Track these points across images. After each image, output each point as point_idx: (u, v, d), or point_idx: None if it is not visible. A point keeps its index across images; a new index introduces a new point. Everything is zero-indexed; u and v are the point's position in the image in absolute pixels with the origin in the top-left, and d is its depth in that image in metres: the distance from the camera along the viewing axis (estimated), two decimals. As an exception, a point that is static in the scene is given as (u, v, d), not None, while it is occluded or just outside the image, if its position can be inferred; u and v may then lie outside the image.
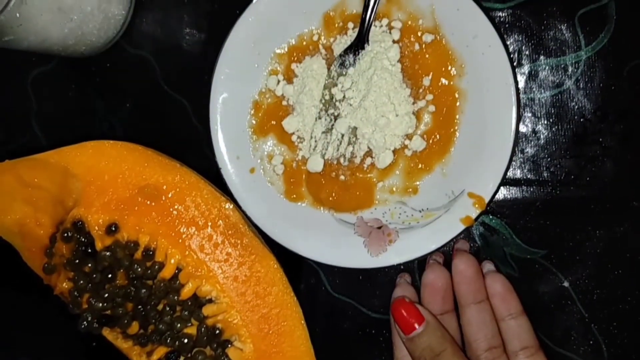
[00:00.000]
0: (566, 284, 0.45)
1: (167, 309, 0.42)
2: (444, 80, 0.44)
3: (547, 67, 0.44)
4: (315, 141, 0.45)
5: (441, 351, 0.39)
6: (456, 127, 0.44)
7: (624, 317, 0.45)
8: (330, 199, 0.45)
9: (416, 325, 0.40)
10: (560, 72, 0.44)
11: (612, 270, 0.45)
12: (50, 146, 0.44)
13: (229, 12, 0.45)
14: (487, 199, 0.42)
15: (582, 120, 0.44)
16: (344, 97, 0.44)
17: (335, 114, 0.44)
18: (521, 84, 0.44)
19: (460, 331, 0.43)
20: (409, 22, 0.43)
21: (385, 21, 0.44)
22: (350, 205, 0.45)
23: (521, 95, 0.44)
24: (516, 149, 0.45)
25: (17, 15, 0.38)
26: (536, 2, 0.44)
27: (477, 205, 0.42)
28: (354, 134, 0.44)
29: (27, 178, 0.43)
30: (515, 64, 0.44)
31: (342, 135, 0.44)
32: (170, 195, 0.42)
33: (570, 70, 0.44)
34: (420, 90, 0.44)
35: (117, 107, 0.49)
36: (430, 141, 0.44)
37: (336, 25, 0.44)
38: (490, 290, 0.42)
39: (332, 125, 0.44)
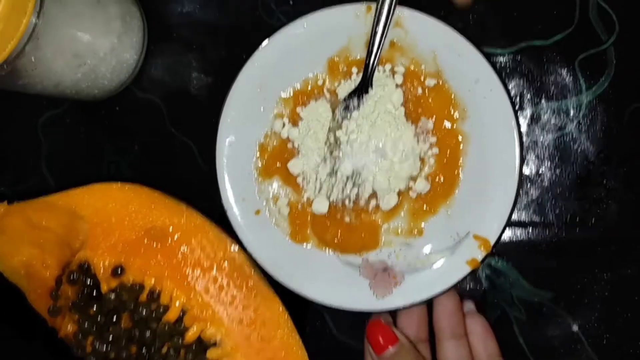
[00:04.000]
0: (575, 327, 0.45)
1: (171, 352, 0.42)
2: (447, 124, 0.44)
3: (549, 111, 0.45)
4: (321, 183, 0.45)
5: None
6: (460, 170, 0.44)
7: (635, 361, 0.44)
8: (336, 240, 0.45)
9: (389, 347, 0.39)
10: (562, 116, 0.45)
11: (621, 314, 0.44)
12: (59, 188, 0.44)
13: (236, 58, 0.46)
14: (492, 241, 0.42)
15: (585, 162, 0.44)
16: (348, 139, 0.44)
17: (340, 156, 0.45)
18: (524, 127, 0.45)
19: None
20: (412, 67, 0.44)
21: (388, 66, 0.45)
22: (355, 246, 0.45)
23: (524, 138, 0.45)
24: (520, 191, 0.45)
25: (33, 59, 0.38)
26: (536, 47, 0.45)
27: (482, 248, 0.42)
28: (358, 176, 0.45)
29: (35, 220, 0.43)
30: (517, 107, 0.45)
31: (347, 178, 0.45)
32: (176, 238, 0.42)
33: (572, 114, 0.44)
34: (424, 134, 0.45)
35: (125, 150, 0.50)
36: (435, 183, 0.45)
37: (340, 70, 0.45)
38: (470, 329, 0.42)
39: (337, 167, 0.45)
